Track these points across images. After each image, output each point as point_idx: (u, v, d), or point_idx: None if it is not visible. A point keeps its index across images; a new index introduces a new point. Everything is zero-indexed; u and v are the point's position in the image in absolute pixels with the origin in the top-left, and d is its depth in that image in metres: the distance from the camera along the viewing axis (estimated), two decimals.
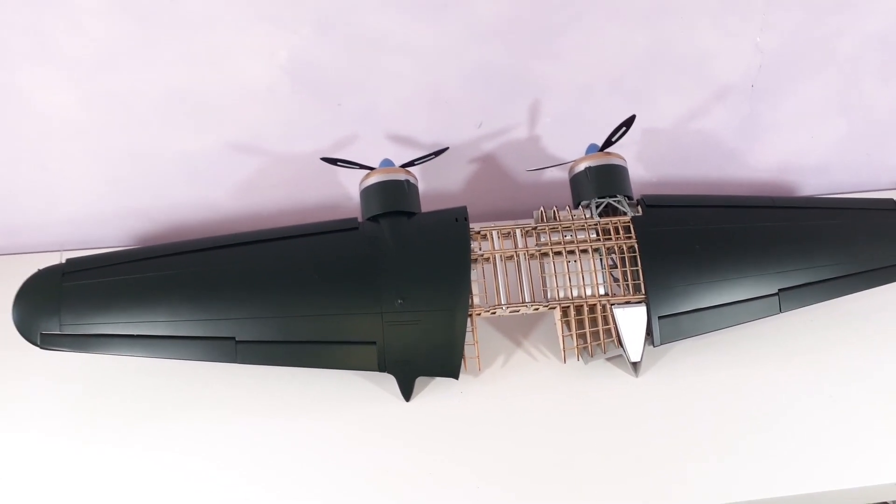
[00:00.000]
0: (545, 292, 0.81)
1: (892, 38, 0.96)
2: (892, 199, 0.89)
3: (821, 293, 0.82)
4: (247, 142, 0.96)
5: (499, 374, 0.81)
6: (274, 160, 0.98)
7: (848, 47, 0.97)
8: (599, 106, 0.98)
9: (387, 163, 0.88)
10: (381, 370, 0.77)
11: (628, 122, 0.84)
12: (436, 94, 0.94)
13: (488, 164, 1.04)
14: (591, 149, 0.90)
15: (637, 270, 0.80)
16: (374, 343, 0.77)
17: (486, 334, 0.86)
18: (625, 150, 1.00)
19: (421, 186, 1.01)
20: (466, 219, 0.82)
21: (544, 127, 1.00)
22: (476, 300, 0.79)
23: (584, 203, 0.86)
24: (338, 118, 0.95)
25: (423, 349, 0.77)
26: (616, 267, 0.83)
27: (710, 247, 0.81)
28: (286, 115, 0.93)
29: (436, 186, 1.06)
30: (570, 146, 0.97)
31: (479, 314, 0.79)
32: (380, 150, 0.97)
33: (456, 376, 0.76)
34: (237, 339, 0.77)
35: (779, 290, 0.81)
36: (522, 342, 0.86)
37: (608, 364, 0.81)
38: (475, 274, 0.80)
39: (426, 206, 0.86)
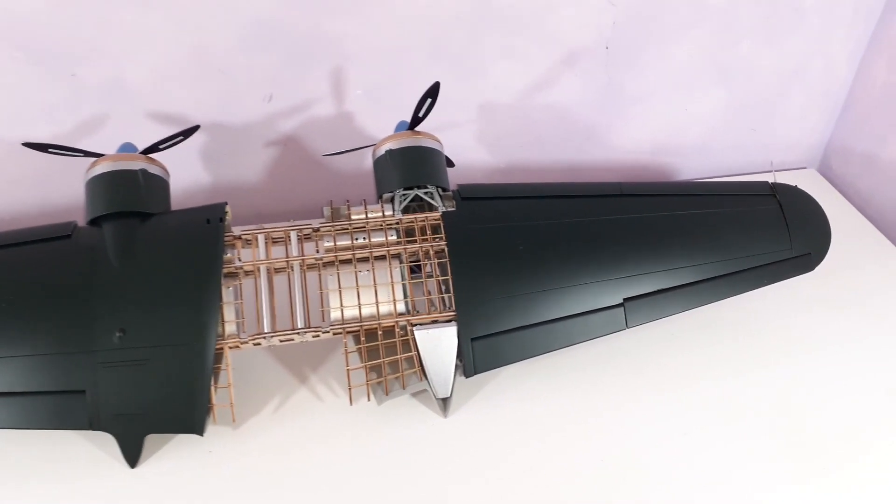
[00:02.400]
0: (326, 313, 0.66)
1: None
2: (767, 182, 0.77)
3: (676, 302, 0.70)
4: None
5: (266, 425, 0.66)
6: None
7: None
8: (420, 75, 0.84)
9: (126, 148, 0.71)
10: (93, 428, 0.61)
11: (432, 92, 0.69)
12: (203, 59, 0.78)
13: (291, 149, 0.88)
14: (401, 126, 0.76)
15: (448, 280, 0.66)
16: (83, 392, 0.60)
17: (256, 371, 0.71)
18: (461, 130, 0.88)
19: (208, 179, 0.87)
20: (223, 219, 0.66)
21: (355, 101, 0.85)
22: (229, 328, 0.63)
23: (386, 196, 0.71)
24: (76, 93, 0.78)
25: (152, 398, 0.61)
26: (420, 277, 0.68)
27: (538, 248, 0.68)
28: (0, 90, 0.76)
29: (230, 178, 0.90)
30: (390, 124, 0.82)
31: (236, 346, 0.64)
32: (139, 132, 0.80)
33: (200, 432, 0.62)
34: None
35: (624, 299, 0.68)
36: (309, 378, 0.71)
37: (410, 402, 0.69)
38: (230, 293, 0.65)
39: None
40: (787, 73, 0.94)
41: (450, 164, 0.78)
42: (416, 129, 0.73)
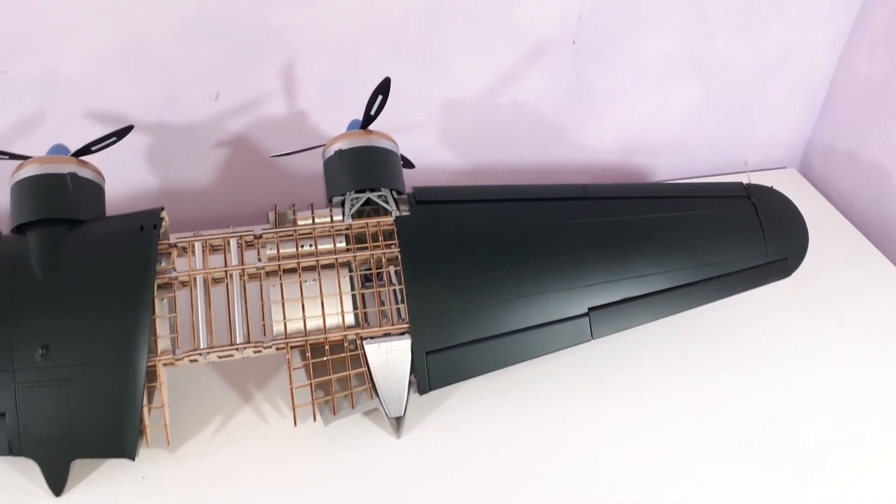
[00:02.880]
0: (267, 327, 0.63)
1: None
2: (741, 184, 0.74)
3: (645, 312, 0.67)
4: None
5: (204, 447, 0.63)
6: None
7: None
8: (377, 70, 0.80)
9: (57, 150, 0.67)
10: (14, 454, 0.57)
11: (383, 88, 0.66)
12: (142, 54, 0.74)
13: (241, 150, 0.85)
14: (353, 125, 0.72)
15: (401, 290, 0.63)
16: (3, 415, 0.57)
17: (196, 388, 0.68)
18: (423, 130, 0.85)
19: (155, 183, 0.83)
20: (157, 226, 0.62)
21: (309, 98, 0.82)
22: (163, 344, 0.60)
23: (336, 200, 0.68)
24: (6, 90, 0.74)
25: (78, 420, 0.58)
26: (372, 287, 0.65)
27: (498, 254, 0.65)
28: None
29: (178, 181, 0.86)
30: (346, 123, 0.78)
31: (170, 363, 0.60)
32: (77, 133, 0.76)
33: (131, 456, 0.58)
34: None
35: (589, 309, 0.65)
36: (253, 396, 0.67)
37: (360, 422, 0.65)
38: (163, 306, 0.61)
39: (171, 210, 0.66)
40: (764, 67, 0.91)
41: (409, 165, 0.76)
42: (370, 128, 0.70)
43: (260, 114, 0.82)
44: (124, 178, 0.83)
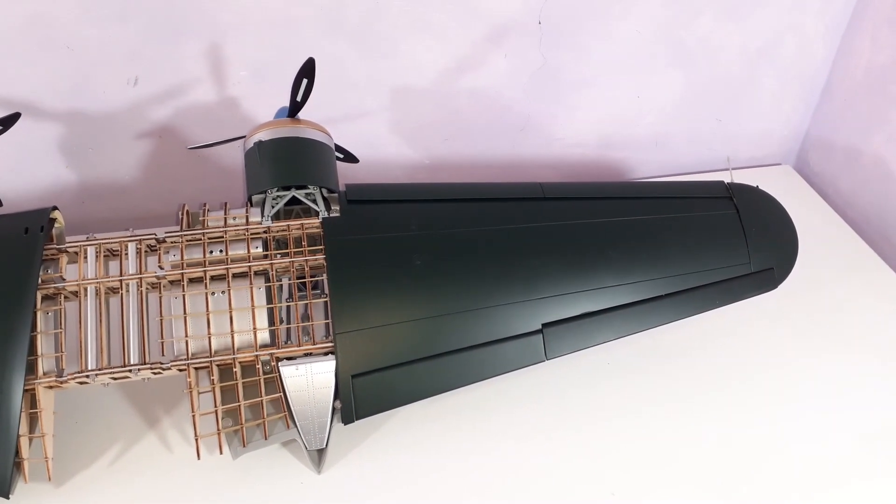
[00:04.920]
0: (166, 345, 0.56)
1: None
2: (723, 182, 0.67)
3: (607, 328, 0.61)
4: None
5: (96, 482, 0.58)
6: None
7: None
8: (315, 52, 0.73)
9: None
10: None
11: (307, 71, 0.60)
12: (44, 32, 0.68)
13: (167, 141, 0.79)
14: (281, 113, 0.66)
15: (326, 304, 0.57)
16: None
17: (93, 412, 0.62)
18: (372, 119, 0.79)
19: (73, 178, 0.80)
20: (45, 228, 0.56)
21: (240, 84, 0.76)
22: (46, 364, 0.54)
23: (257, 198, 0.61)
24: None
25: None
26: (292, 300, 0.58)
27: (439, 262, 0.60)
28: None
29: (100, 176, 0.80)
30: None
31: (55, 386, 0.54)
32: None
33: (5, 493, 0.53)
34: None
35: (543, 325, 0.60)
36: (160, 421, 0.61)
37: (276, 455, 0.60)
38: (48, 320, 0.56)
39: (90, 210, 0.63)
40: (755, 53, 0.85)
41: (352, 159, 0.69)
42: (299, 116, 0.63)
43: (186, 100, 0.76)
44: (37, 174, 0.77)
